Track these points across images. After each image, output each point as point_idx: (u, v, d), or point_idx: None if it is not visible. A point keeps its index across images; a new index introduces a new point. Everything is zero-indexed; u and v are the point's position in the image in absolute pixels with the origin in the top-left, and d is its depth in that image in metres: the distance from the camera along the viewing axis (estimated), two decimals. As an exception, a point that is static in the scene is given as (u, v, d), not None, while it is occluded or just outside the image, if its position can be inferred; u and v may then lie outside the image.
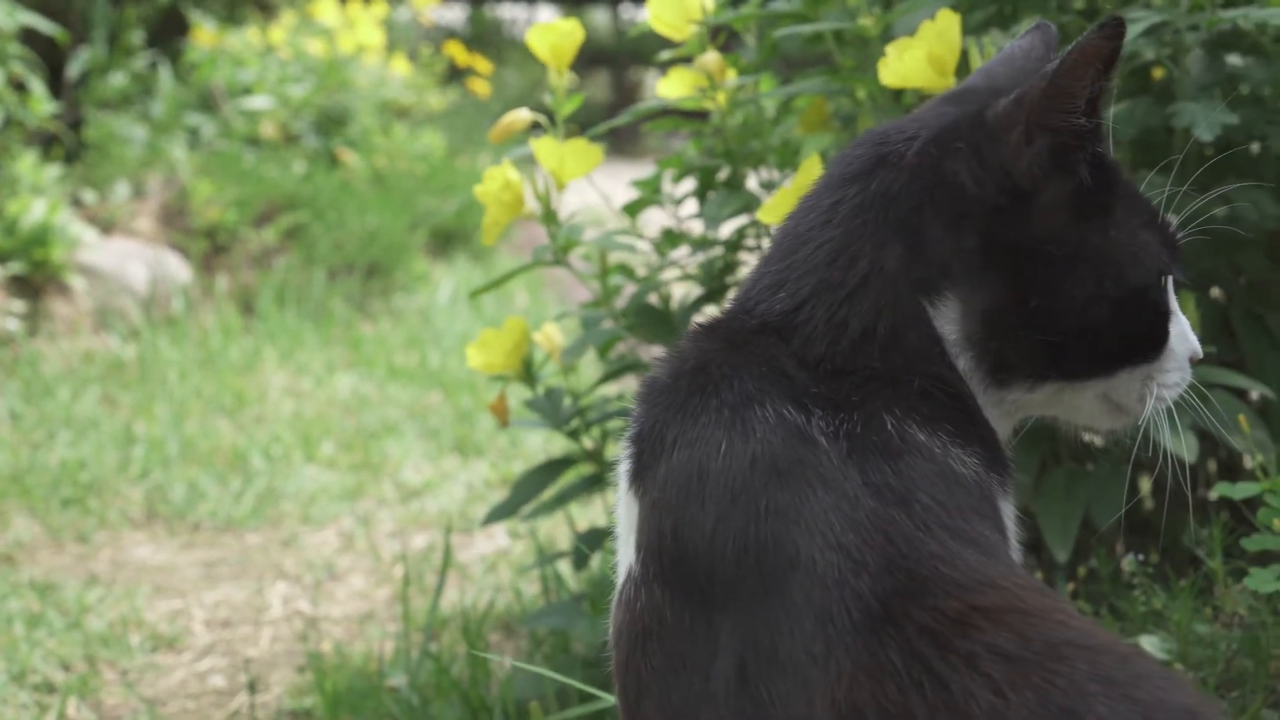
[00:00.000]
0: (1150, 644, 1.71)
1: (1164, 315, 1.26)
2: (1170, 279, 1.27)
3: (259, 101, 6.81)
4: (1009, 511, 1.21)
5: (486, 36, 14.58)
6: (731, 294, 2.34)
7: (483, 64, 8.78)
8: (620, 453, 1.26)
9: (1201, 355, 1.31)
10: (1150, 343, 1.26)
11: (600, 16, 17.00)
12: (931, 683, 1.00)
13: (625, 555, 1.21)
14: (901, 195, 1.23)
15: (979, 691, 0.98)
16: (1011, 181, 1.21)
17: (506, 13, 16.90)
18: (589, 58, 15.51)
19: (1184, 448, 1.81)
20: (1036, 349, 1.22)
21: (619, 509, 1.25)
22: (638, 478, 1.20)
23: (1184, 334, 1.29)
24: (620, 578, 1.20)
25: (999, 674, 0.99)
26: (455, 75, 9.30)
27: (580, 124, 2.31)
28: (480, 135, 8.31)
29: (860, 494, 1.10)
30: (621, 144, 11.70)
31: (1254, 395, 2.00)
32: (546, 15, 17.24)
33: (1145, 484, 2.03)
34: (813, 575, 1.06)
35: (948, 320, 1.22)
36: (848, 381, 1.19)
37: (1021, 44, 1.37)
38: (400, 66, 8.11)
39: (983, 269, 1.21)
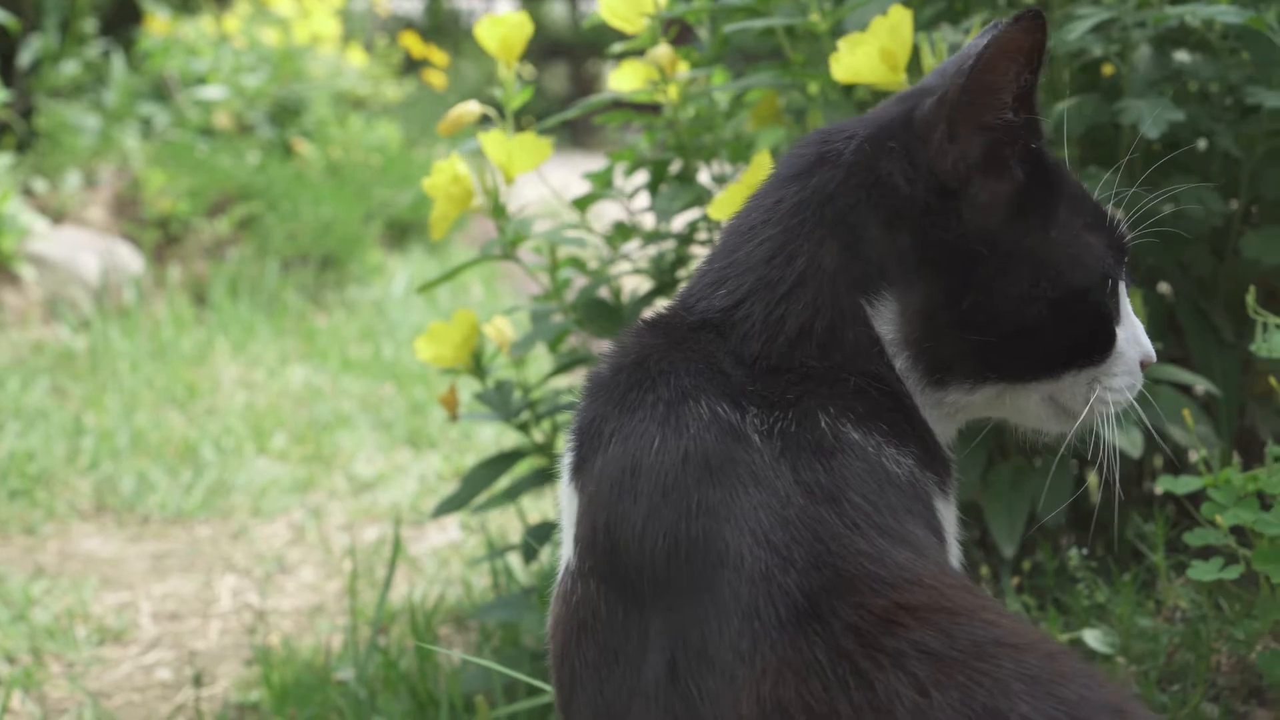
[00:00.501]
0: (1093, 638, 1.73)
1: (1107, 318, 1.25)
2: (1118, 281, 1.26)
3: (213, 91, 6.76)
4: (948, 512, 1.21)
5: (444, 27, 14.52)
6: (681, 288, 2.35)
7: (438, 55, 8.74)
8: (564, 445, 1.26)
9: (1154, 359, 1.30)
10: (1094, 345, 1.25)
11: (558, 8, 16.96)
12: (856, 681, 0.99)
13: (566, 548, 1.20)
14: (839, 194, 1.23)
15: (903, 690, 0.98)
16: (938, 181, 1.20)
17: (464, 3, 16.83)
18: (547, 50, 15.47)
19: (1129, 443, 1.83)
20: (972, 349, 1.22)
21: (562, 501, 1.24)
22: (578, 470, 1.20)
23: (1135, 338, 1.29)
24: (560, 570, 1.20)
25: (924, 673, 0.98)
26: (412, 66, 9.25)
27: (537, 116, 2.31)
28: (437, 127, 8.27)
29: (791, 491, 1.10)
30: (581, 136, 11.69)
31: (1199, 390, 2.02)
32: (505, 6, 17.19)
33: (1092, 479, 2.04)
34: (740, 572, 1.06)
35: (886, 319, 1.22)
36: (784, 379, 1.19)
37: (978, 41, 1.36)
38: (356, 57, 8.07)
39: (918, 268, 1.21)
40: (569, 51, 15.66)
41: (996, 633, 1.01)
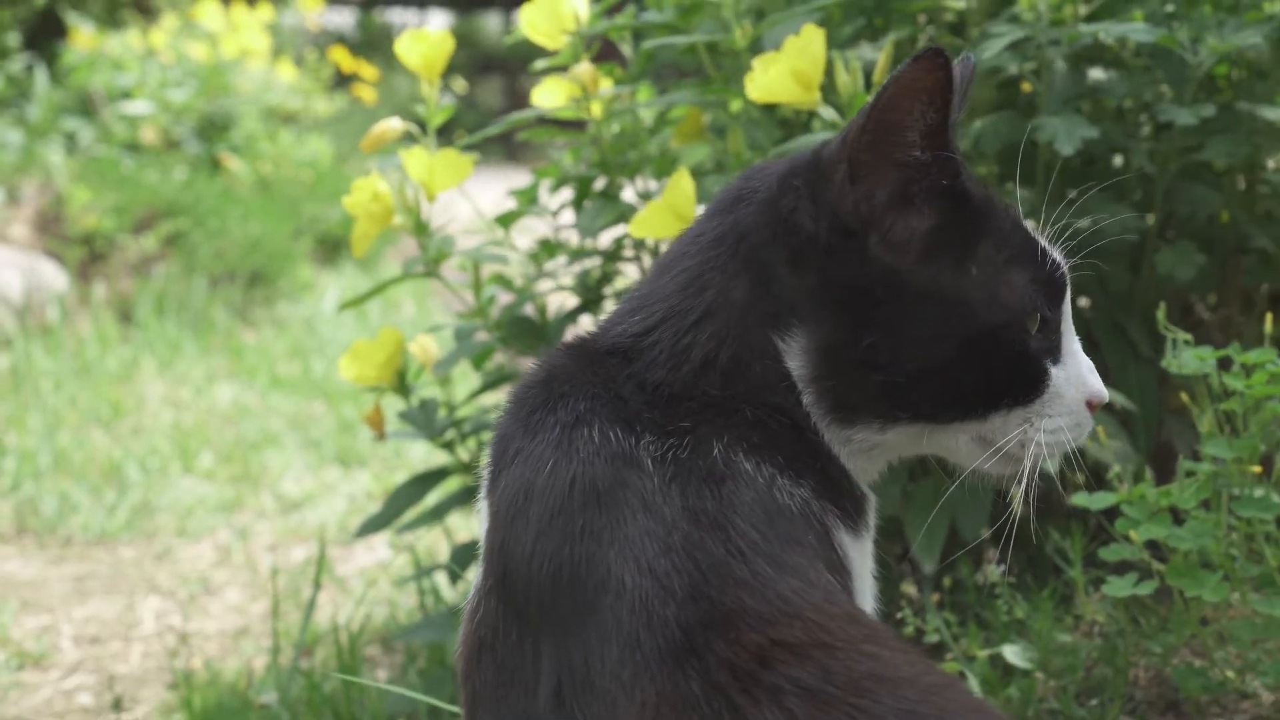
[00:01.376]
0: (1013, 653, 1.74)
1: (1030, 356, 1.21)
2: (1054, 318, 1.23)
3: (139, 106, 6.69)
4: (857, 546, 1.19)
5: (376, 41, 14.45)
6: (607, 305, 2.35)
7: (368, 70, 8.71)
8: (483, 461, 1.26)
9: (1105, 398, 1.26)
10: (1018, 385, 1.21)
11: (493, 21, 16.96)
12: (732, 717, 0.99)
13: (479, 565, 1.20)
14: (751, 231, 1.23)
15: None
16: (840, 221, 1.20)
17: (396, 17, 16.78)
18: (481, 64, 15.46)
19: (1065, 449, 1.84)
20: (878, 388, 1.20)
21: (480, 516, 1.24)
22: (490, 487, 1.20)
23: (1079, 377, 1.24)
24: (473, 587, 1.20)
25: (799, 709, 0.98)
26: (343, 81, 9.21)
27: (470, 129, 2.30)
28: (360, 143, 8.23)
29: (678, 518, 1.09)
30: (516, 150, 11.65)
31: (1119, 404, 2.04)
32: (438, 20, 17.16)
33: (1014, 494, 2.05)
34: (622, 599, 1.05)
35: (795, 355, 1.21)
36: (683, 407, 1.18)
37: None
38: (286, 71, 8.02)
39: (823, 306, 1.20)
40: (503, 65, 15.66)
41: (876, 667, 1.01)
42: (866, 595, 1.20)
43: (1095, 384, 1.25)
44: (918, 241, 1.19)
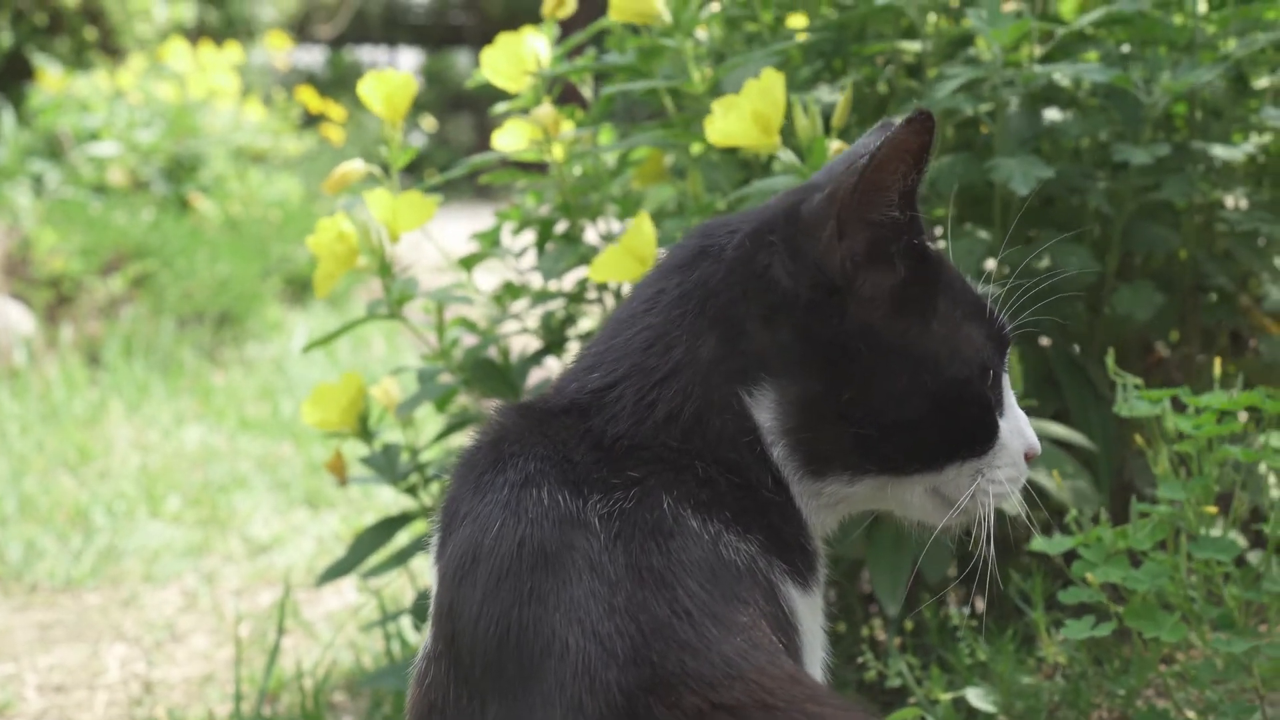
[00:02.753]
0: (976, 696, 1.73)
1: (988, 409, 1.24)
2: (999, 373, 1.26)
3: (106, 147, 6.67)
4: (806, 601, 1.19)
5: (346, 79, 14.45)
6: (571, 347, 2.35)
7: (336, 110, 8.71)
8: (431, 524, 1.25)
9: (1038, 451, 1.29)
10: (976, 437, 1.24)
11: (463, 59, 16.98)
12: None
13: (428, 628, 1.19)
14: (719, 288, 1.23)
15: None
16: (825, 277, 1.20)
17: (366, 55, 16.80)
18: (452, 101, 15.49)
19: (1007, 501, 1.83)
20: (852, 441, 1.21)
21: (430, 579, 1.23)
22: (439, 551, 1.19)
23: (1019, 429, 1.27)
24: (420, 651, 1.19)
25: None
26: (312, 120, 9.21)
27: (441, 167, 2.29)
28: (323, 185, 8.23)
29: (622, 578, 1.09)
30: (485, 189, 11.67)
31: (1079, 445, 2.04)
32: (408, 58, 17.18)
33: (976, 536, 2.05)
34: (565, 663, 1.05)
35: (764, 408, 1.21)
36: (635, 457, 1.18)
37: (868, 141, 1.34)
38: (255, 111, 8.01)
39: (798, 361, 1.20)
40: (474, 102, 15.67)
41: None
42: (815, 650, 1.20)
43: (1032, 437, 1.29)
44: (888, 297, 1.21)
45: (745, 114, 1.76)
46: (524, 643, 1.07)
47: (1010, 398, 1.28)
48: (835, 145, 1.80)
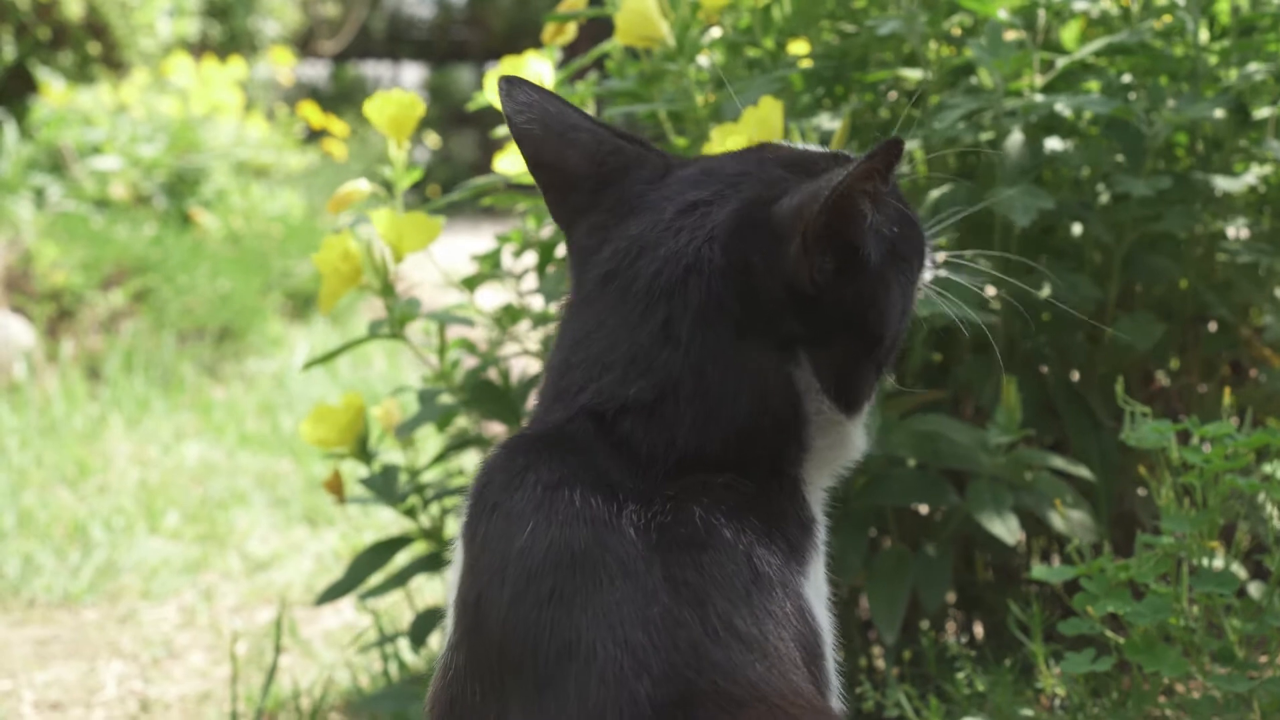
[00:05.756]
0: (973, 726, 1.73)
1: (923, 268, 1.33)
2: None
3: (108, 161, 6.68)
4: (813, 586, 1.19)
5: (350, 93, 14.49)
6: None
7: (338, 125, 8.72)
8: (462, 500, 1.24)
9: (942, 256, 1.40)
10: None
11: (466, 76, 17.02)
12: None
13: (449, 615, 1.19)
14: (717, 291, 1.21)
15: None
16: (797, 286, 1.19)
17: (370, 70, 16.83)
18: (456, 117, 15.51)
19: (1006, 530, 1.84)
20: (875, 372, 1.27)
21: (454, 559, 1.22)
22: (467, 534, 1.18)
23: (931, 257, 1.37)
24: (445, 640, 1.19)
25: None
26: (315, 135, 9.22)
27: (446, 185, 2.30)
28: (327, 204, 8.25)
29: (659, 588, 1.08)
30: (488, 206, 11.68)
31: (1079, 475, 2.03)
32: (411, 73, 17.22)
33: (978, 564, 2.05)
34: (591, 668, 1.04)
35: (803, 379, 1.22)
36: (663, 470, 1.17)
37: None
38: (258, 125, 8.02)
39: (826, 333, 1.22)
40: (478, 118, 15.69)
41: None
42: (823, 620, 1.20)
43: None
44: (876, 271, 1.23)
45: (743, 141, 1.76)
46: (547, 645, 1.06)
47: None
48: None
